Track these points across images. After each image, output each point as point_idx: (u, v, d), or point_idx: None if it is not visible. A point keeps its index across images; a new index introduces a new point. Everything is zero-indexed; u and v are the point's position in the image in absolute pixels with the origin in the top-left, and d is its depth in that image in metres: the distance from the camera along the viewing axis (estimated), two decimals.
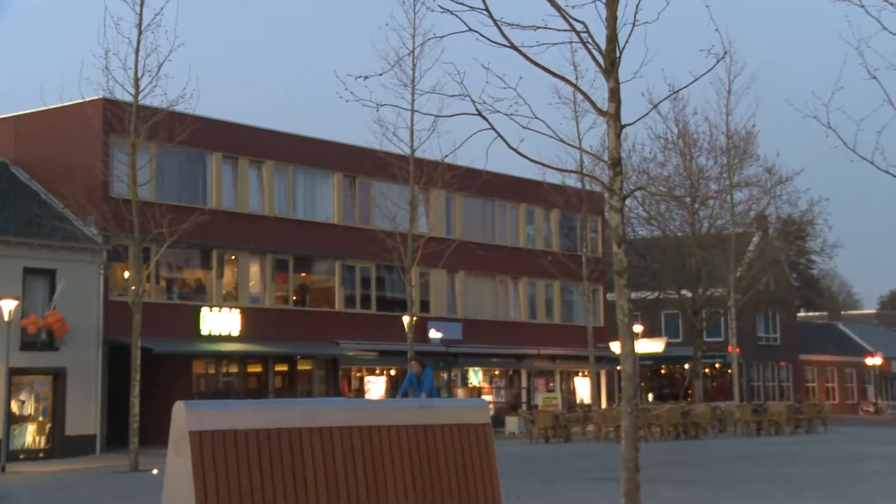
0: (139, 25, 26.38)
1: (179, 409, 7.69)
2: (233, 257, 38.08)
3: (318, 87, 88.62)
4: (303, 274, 40.83)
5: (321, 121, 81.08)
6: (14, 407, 30.99)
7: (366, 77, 11.21)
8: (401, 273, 35.56)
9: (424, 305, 43.16)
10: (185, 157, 35.69)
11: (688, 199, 48.34)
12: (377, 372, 42.23)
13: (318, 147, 41.00)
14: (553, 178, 43.93)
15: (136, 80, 26.54)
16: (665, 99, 19.92)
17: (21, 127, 36.25)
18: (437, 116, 23.27)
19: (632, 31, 10.12)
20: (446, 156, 31.05)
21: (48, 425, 32.12)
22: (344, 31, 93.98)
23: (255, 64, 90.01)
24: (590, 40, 10.08)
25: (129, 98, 27.01)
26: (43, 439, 32.07)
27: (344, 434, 7.60)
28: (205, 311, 36.24)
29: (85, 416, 32.41)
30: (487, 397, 45.30)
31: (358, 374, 41.93)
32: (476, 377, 47.05)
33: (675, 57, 16.87)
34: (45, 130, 35.37)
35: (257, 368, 38.74)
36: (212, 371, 37.79)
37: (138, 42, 26.36)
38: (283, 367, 39.32)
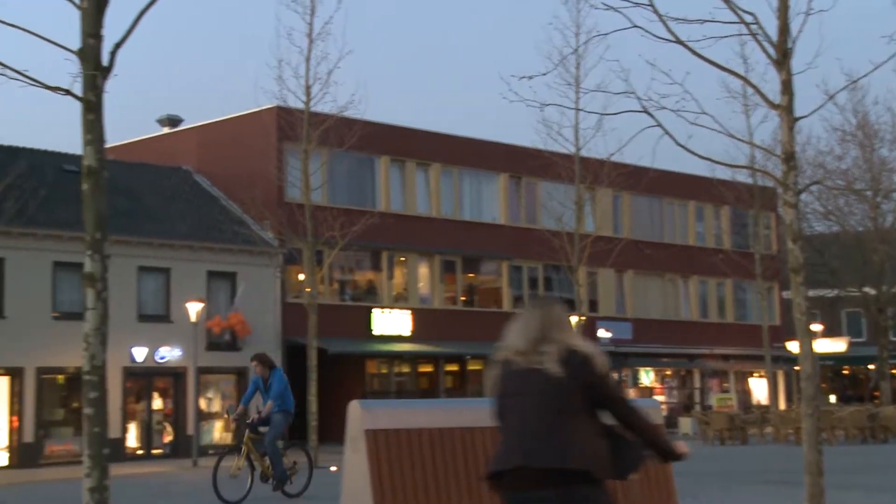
0: (309, 35, 27.23)
1: (355, 408, 7.93)
2: (402, 259, 38.77)
3: (482, 89, 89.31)
4: (470, 275, 41.20)
5: (486, 122, 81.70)
6: (203, 404, 32.46)
7: (530, 77, 11.28)
8: (568, 273, 35.41)
9: (593, 305, 42.85)
10: (354, 162, 36.56)
11: (869, 193, 46.26)
12: None
13: (484, 148, 41.29)
14: (723, 174, 42.85)
15: (308, 88, 27.39)
16: (842, 89, 19.13)
17: (203, 137, 37.94)
18: (602, 115, 23.08)
19: (805, 20, 9.84)
20: (612, 154, 30.79)
21: (233, 422, 33.47)
22: (507, 32, 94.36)
23: (420, 67, 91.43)
24: (760, 32, 9.85)
25: (301, 105, 27.90)
26: (229, 436, 33.45)
27: None
28: (376, 311, 37.03)
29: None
30: (659, 398, 44.59)
31: None
32: (647, 377, 46.41)
33: (853, 45, 16.27)
34: (224, 139, 36.92)
35: (428, 368, 39.30)
36: (384, 371, 38.58)
37: (309, 51, 27.21)
38: (453, 367, 39.77)
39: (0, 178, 24.44)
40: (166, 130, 40.43)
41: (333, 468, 24.21)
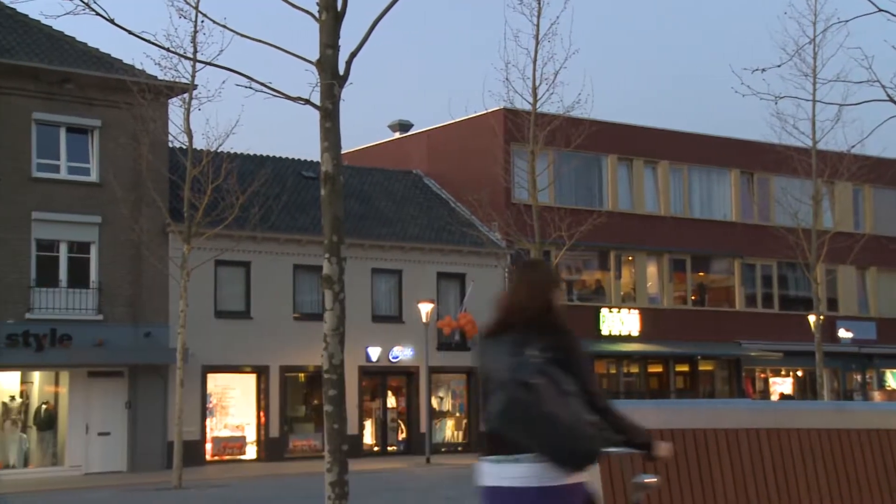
0: (536, 36, 27.35)
1: None
2: (630, 258, 38.32)
3: (710, 83, 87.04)
4: (701, 273, 40.21)
5: (714, 117, 79.56)
6: (434, 403, 33.22)
7: (763, 69, 10.90)
8: (805, 270, 33.94)
9: (832, 304, 40.89)
10: (581, 161, 36.44)
11: None
12: (782, 373, 40.63)
13: (713, 144, 40.21)
14: None
15: (534, 89, 27.53)
16: None
17: (432, 140, 38.83)
18: (841, 105, 22.04)
19: None
20: (853, 146, 29.20)
21: (464, 421, 34.12)
22: (739, 24, 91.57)
23: (646, 64, 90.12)
24: None
25: (527, 107, 28.07)
26: (460, 434, 34.11)
27: (751, 436, 7.43)
28: (604, 311, 36.77)
29: None
30: None
31: (762, 375, 40.60)
32: (894, 380, 43.82)
33: None
34: (452, 142, 37.64)
35: (658, 368, 38.67)
36: (612, 371, 38.24)
37: (535, 52, 27.34)
38: (683, 368, 38.95)
39: (247, 185, 25.87)
40: (397, 135, 41.64)
41: None
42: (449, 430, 34.14)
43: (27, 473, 26.36)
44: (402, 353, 32.29)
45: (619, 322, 36.91)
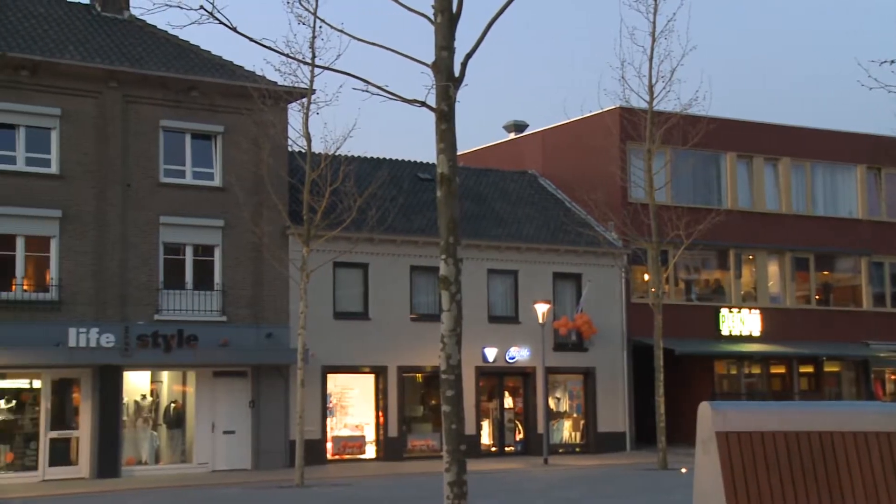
0: (653, 34, 27.04)
1: (705, 410, 7.78)
2: (750, 257, 37.51)
3: (833, 76, 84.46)
4: (825, 272, 39.08)
5: (838, 111, 77.11)
6: (551, 403, 33.10)
7: (892, 62, 10.55)
8: None
9: None
10: (699, 160, 35.85)
11: None
12: None
13: (837, 140, 39.05)
14: None
15: (651, 87, 27.22)
16: None
17: (547, 140, 38.72)
18: None
19: None
20: None
21: (582, 422, 33.90)
22: (863, 15, 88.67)
23: (766, 59, 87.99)
24: None
25: (643, 105, 27.77)
26: (578, 435, 33.90)
27: (881, 439, 7.21)
28: (724, 311, 36.09)
29: (614, 414, 33.75)
30: None
31: (893, 377, 39.26)
32: None
33: None
34: (567, 142, 37.46)
35: (780, 369, 37.74)
36: (733, 372, 37.50)
37: (652, 50, 27.03)
38: (808, 369, 37.92)
39: (364, 187, 26.23)
40: (512, 136, 41.64)
41: (683, 470, 23.87)
42: (566, 431, 33.96)
43: (158, 470, 27.25)
44: (519, 354, 32.27)
45: (740, 322, 36.17)
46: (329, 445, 29.67)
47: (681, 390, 33.19)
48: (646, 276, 32.45)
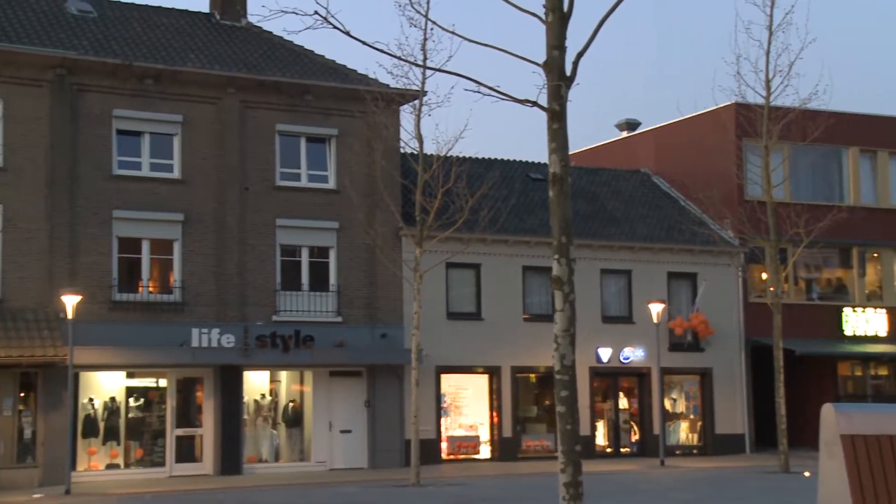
0: (769, 27, 26.44)
1: (829, 412, 7.58)
2: (875, 255, 36.34)
3: None
4: None
5: None
6: (667, 405, 32.67)
7: None
8: None
9: None
10: (818, 155, 34.92)
11: None
12: None
13: None
14: None
15: (767, 82, 26.62)
16: None
17: (660, 138, 38.22)
18: None
19: None
20: None
21: (699, 423, 33.36)
22: None
23: (892, 48, 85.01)
24: None
25: (760, 100, 27.19)
26: (695, 436, 33.37)
27: None
28: (847, 311, 35.07)
29: (732, 416, 33.12)
30: None
31: None
32: None
33: None
34: (681, 139, 36.91)
35: None
36: (858, 373, 36.38)
37: (769, 44, 26.43)
38: None
39: (476, 188, 26.31)
40: (625, 134, 41.24)
41: (807, 473, 23.28)
42: (683, 433, 33.46)
43: (278, 468, 27.82)
44: (633, 354, 31.94)
45: (864, 322, 35.08)
46: (444, 445, 29.85)
47: (802, 392, 32.36)
48: (763, 275, 31.71)
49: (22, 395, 24.94)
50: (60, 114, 25.98)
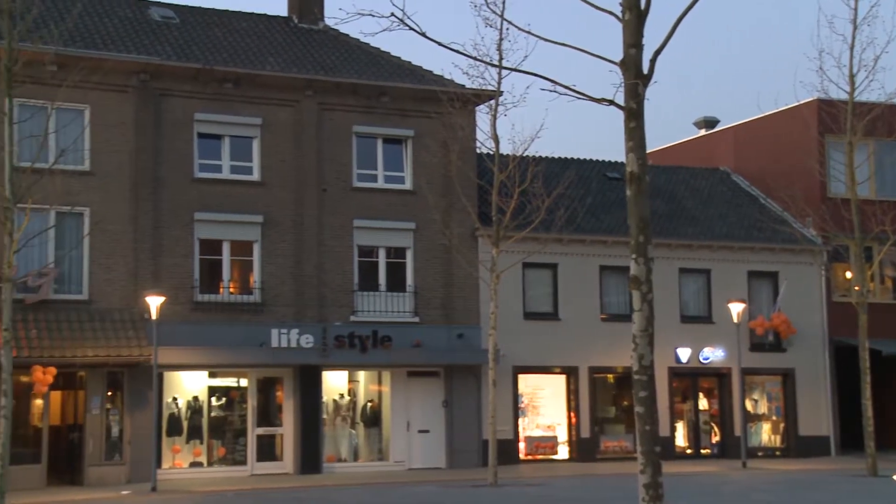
0: (854, 21, 25.88)
1: None
2: None
3: None
4: None
5: None
6: (748, 406, 32.17)
7: None
8: None
9: None
10: None
11: None
12: None
13: None
14: None
15: (851, 77, 26.06)
16: None
17: (739, 135, 37.66)
18: None
19: None
20: None
21: (781, 425, 32.79)
22: None
23: None
24: None
25: (843, 96, 26.63)
26: (778, 438, 32.81)
27: None
28: None
29: (816, 417, 32.50)
30: None
31: None
32: None
33: None
34: (761, 137, 36.32)
35: None
36: None
37: (853, 38, 25.87)
38: None
39: (552, 188, 26.22)
40: (703, 132, 40.73)
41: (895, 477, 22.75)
42: (765, 434, 32.91)
43: (357, 467, 28.05)
44: (713, 354, 31.52)
45: None
46: (521, 445, 29.79)
47: (889, 393, 31.62)
48: (848, 274, 31.06)
49: (109, 393, 25.52)
50: (144, 118, 26.53)
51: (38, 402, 25.01)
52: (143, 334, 24.89)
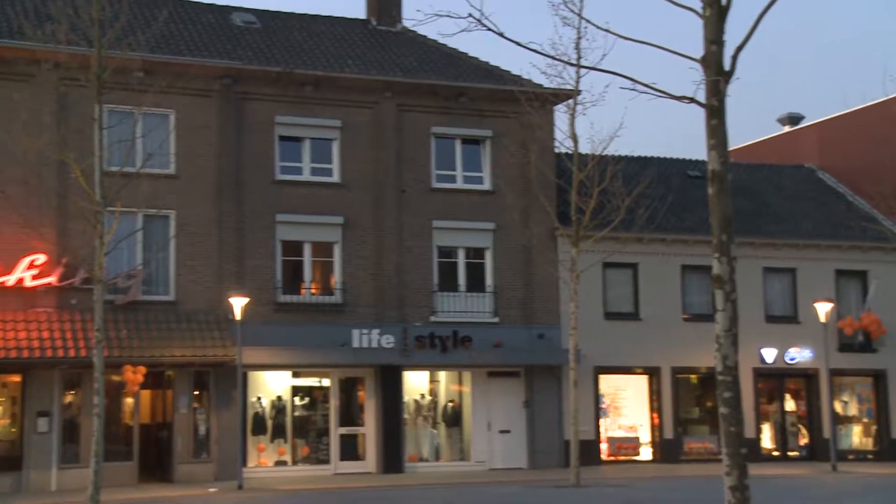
0: None
1: None
2: None
3: None
4: None
5: None
6: (837, 407, 31.48)
7: None
8: None
9: None
10: None
11: None
12: None
13: None
14: None
15: None
16: None
17: (824, 132, 36.91)
18: None
19: None
20: None
21: (873, 427, 32.03)
22: None
23: None
24: None
25: None
26: (869, 441, 32.06)
27: None
28: None
29: None
30: None
31: None
32: None
33: None
34: (848, 132, 35.56)
35: None
36: None
37: None
38: None
39: (632, 187, 25.98)
40: (787, 129, 39.99)
41: None
42: (856, 437, 32.17)
43: (438, 467, 28.13)
44: (800, 355, 30.91)
45: None
46: (603, 446, 29.57)
47: None
48: None
49: (196, 392, 26.00)
50: (226, 122, 26.96)
51: (129, 400, 25.58)
52: (228, 335, 25.28)
